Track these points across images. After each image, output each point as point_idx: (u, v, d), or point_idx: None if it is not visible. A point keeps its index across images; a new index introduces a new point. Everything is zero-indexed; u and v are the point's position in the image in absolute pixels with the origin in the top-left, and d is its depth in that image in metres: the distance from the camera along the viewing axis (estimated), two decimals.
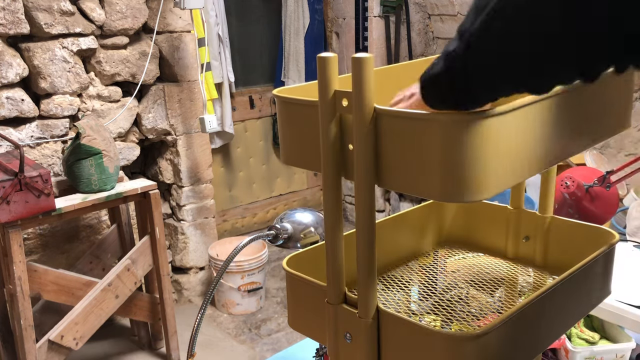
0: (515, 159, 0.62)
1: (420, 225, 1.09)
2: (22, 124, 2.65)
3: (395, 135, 0.62)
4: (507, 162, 0.61)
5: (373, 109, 0.62)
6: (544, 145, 0.66)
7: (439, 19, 4.01)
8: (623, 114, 0.80)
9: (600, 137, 0.77)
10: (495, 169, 0.60)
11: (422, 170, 0.60)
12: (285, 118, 0.75)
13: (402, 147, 0.61)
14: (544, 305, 0.76)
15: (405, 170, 0.62)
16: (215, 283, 1.12)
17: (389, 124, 0.62)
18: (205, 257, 3.43)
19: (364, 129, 0.62)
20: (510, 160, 0.62)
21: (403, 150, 0.61)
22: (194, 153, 3.28)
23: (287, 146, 0.76)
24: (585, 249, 0.91)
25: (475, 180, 0.58)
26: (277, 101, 0.75)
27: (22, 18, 2.56)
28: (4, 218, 2.14)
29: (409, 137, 0.60)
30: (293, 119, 0.74)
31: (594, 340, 1.60)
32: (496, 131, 0.58)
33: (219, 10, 3.58)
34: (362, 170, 0.64)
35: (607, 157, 3.12)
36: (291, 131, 0.75)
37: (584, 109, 0.72)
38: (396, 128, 0.61)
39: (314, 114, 0.67)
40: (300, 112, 0.72)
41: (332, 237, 0.71)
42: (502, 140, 0.60)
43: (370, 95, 0.61)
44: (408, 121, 0.60)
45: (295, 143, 0.75)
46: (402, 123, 0.61)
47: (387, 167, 0.63)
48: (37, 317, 2.54)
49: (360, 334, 0.72)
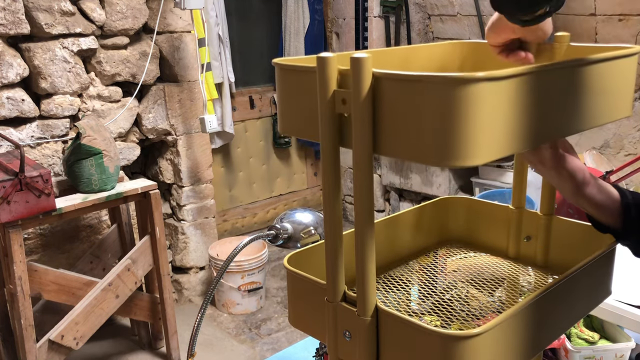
0: (510, 126, 0.62)
1: (420, 224, 1.09)
2: (22, 124, 2.65)
3: (391, 99, 0.61)
4: (502, 129, 0.61)
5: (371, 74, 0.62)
6: (540, 117, 0.66)
7: (439, 19, 4.01)
8: (623, 101, 0.80)
9: (599, 120, 0.77)
10: (489, 134, 0.59)
11: (417, 134, 0.60)
12: (283, 86, 0.75)
13: (398, 110, 0.61)
14: (543, 305, 0.76)
15: (401, 135, 0.61)
16: (215, 283, 1.13)
17: (385, 87, 0.61)
18: (205, 257, 3.43)
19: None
20: (505, 127, 0.61)
21: (399, 114, 0.61)
22: (194, 153, 3.28)
23: (285, 116, 0.76)
24: (586, 249, 0.91)
25: (468, 144, 0.58)
26: (277, 69, 0.74)
27: (22, 18, 2.56)
28: (5, 218, 2.15)
29: (406, 100, 0.60)
30: (292, 87, 0.74)
31: (593, 340, 1.60)
32: (491, 95, 0.58)
33: (219, 10, 3.58)
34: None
35: (607, 157, 3.12)
36: (289, 100, 0.75)
37: (583, 88, 0.72)
38: (392, 91, 0.61)
39: (313, 81, 0.67)
40: (298, 80, 0.72)
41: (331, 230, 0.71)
42: (498, 105, 0.59)
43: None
44: (403, 83, 0.60)
45: (293, 112, 0.75)
46: (398, 85, 0.61)
47: (384, 133, 0.63)
48: (38, 317, 2.54)
49: (359, 332, 0.72)
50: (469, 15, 3.76)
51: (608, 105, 0.77)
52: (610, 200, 0.85)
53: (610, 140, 3.19)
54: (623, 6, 2.95)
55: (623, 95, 0.79)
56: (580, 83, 0.71)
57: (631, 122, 3.08)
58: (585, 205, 0.85)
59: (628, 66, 0.78)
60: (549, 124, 0.68)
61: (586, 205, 0.85)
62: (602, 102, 0.76)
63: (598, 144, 3.22)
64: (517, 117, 0.62)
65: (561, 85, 0.68)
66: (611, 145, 3.19)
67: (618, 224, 0.86)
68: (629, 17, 2.96)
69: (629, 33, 2.97)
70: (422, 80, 0.58)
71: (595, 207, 0.85)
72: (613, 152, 3.19)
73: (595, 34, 3.12)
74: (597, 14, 3.06)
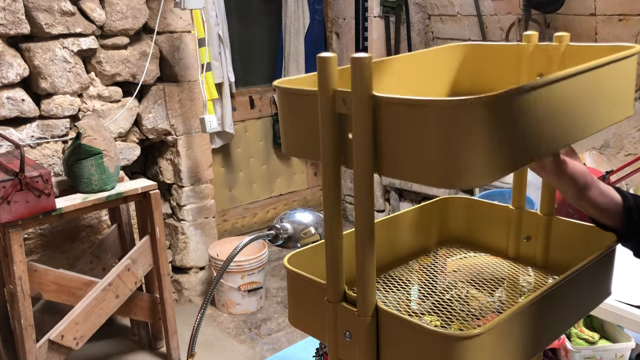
0: (515, 143, 0.62)
1: (420, 224, 1.09)
2: (22, 124, 2.65)
3: (394, 122, 0.61)
4: (507, 147, 0.61)
5: (372, 97, 0.62)
6: (545, 130, 0.66)
7: (439, 19, 4.01)
8: (625, 101, 0.80)
9: (602, 123, 0.77)
10: (494, 154, 0.59)
11: (420, 157, 0.60)
12: (285, 108, 0.75)
13: (400, 133, 0.61)
14: (543, 305, 0.76)
15: (404, 158, 0.62)
16: (215, 283, 1.13)
17: (387, 110, 0.62)
18: (205, 257, 3.43)
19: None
20: (510, 145, 0.61)
21: (402, 137, 0.61)
22: (194, 153, 3.28)
23: (287, 136, 0.76)
24: (586, 249, 0.91)
25: (473, 166, 0.58)
26: (278, 91, 0.75)
27: (22, 18, 2.56)
28: (5, 218, 2.15)
29: (408, 123, 0.60)
30: (293, 109, 0.74)
31: (593, 340, 1.60)
32: (494, 115, 0.58)
33: (219, 10, 3.58)
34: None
35: (607, 157, 3.12)
36: (291, 121, 0.75)
37: (586, 95, 0.72)
38: (395, 114, 0.61)
39: (314, 103, 0.67)
40: (300, 102, 0.72)
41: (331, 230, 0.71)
42: (501, 124, 0.59)
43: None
44: (406, 107, 0.60)
45: (295, 133, 0.75)
46: (400, 109, 0.61)
47: (387, 154, 0.63)
48: (38, 317, 2.54)
49: (359, 332, 0.72)
50: (469, 15, 3.76)
51: (611, 107, 0.77)
52: (613, 203, 0.85)
53: (610, 140, 3.19)
54: (623, 6, 2.95)
55: (624, 96, 0.79)
56: (583, 90, 0.71)
57: (631, 122, 3.08)
58: (588, 208, 0.85)
59: (628, 67, 0.78)
60: (554, 135, 0.68)
61: (588, 208, 0.85)
62: (605, 105, 0.76)
63: (598, 144, 3.22)
64: (522, 133, 0.62)
65: (565, 95, 0.68)
66: (611, 145, 3.19)
67: (620, 227, 0.86)
68: (629, 17, 2.96)
69: (629, 33, 2.97)
70: (426, 105, 0.58)
71: (597, 210, 0.85)
72: (613, 152, 3.19)
73: (595, 34, 3.12)
74: (597, 14, 3.06)
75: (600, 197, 0.84)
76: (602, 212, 0.85)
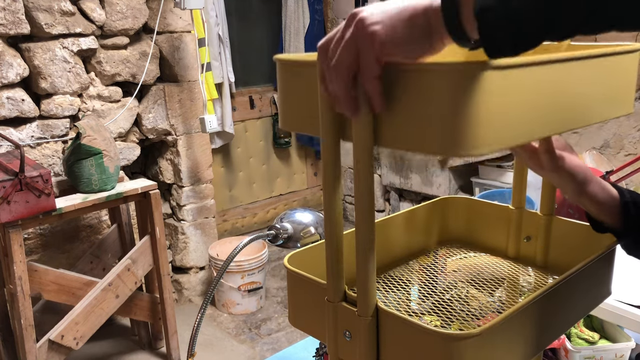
0: (516, 116, 0.62)
1: (420, 224, 1.09)
2: (22, 124, 2.65)
3: (393, 88, 0.61)
4: (507, 119, 0.61)
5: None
6: (547, 109, 0.66)
7: None
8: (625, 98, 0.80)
9: (602, 115, 0.76)
10: (495, 125, 0.59)
11: (420, 124, 0.59)
12: (284, 82, 0.75)
13: (401, 100, 0.61)
14: (543, 305, 0.76)
15: (404, 125, 0.61)
16: (215, 283, 1.13)
17: (387, 76, 0.61)
18: (205, 257, 3.43)
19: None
20: (511, 117, 0.61)
21: (402, 104, 0.61)
22: (194, 153, 3.28)
23: (286, 111, 0.76)
24: (586, 249, 0.91)
25: (475, 134, 0.57)
26: (278, 64, 0.74)
27: (22, 18, 2.56)
28: (5, 218, 2.15)
29: (408, 89, 0.60)
30: (292, 82, 0.74)
31: (593, 340, 1.60)
32: (498, 85, 0.58)
33: (219, 10, 3.58)
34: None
35: (607, 157, 3.12)
36: (291, 94, 0.74)
37: (589, 82, 0.71)
38: (394, 80, 0.61)
39: (314, 75, 0.67)
40: (299, 75, 0.72)
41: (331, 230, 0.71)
42: (505, 94, 0.59)
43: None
44: (407, 73, 0.60)
45: (295, 107, 0.74)
46: (400, 75, 0.60)
47: (386, 123, 0.63)
48: (38, 317, 2.54)
49: (360, 332, 0.72)
50: None
51: (611, 101, 0.77)
52: (611, 199, 0.85)
53: (610, 140, 3.19)
54: None
55: (625, 93, 0.79)
56: (586, 77, 0.71)
57: (631, 122, 3.08)
58: (588, 204, 0.85)
59: (630, 63, 0.78)
60: (555, 116, 0.68)
61: (588, 204, 0.85)
62: (606, 98, 0.76)
63: (598, 144, 3.22)
64: (524, 107, 0.62)
65: (568, 77, 0.68)
66: (611, 145, 3.19)
67: (617, 223, 0.86)
68: None
69: (629, 33, 2.97)
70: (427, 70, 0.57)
71: (597, 205, 0.85)
72: (613, 152, 3.19)
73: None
74: None
75: (601, 192, 0.84)
76: (602, 207, 0.85)
